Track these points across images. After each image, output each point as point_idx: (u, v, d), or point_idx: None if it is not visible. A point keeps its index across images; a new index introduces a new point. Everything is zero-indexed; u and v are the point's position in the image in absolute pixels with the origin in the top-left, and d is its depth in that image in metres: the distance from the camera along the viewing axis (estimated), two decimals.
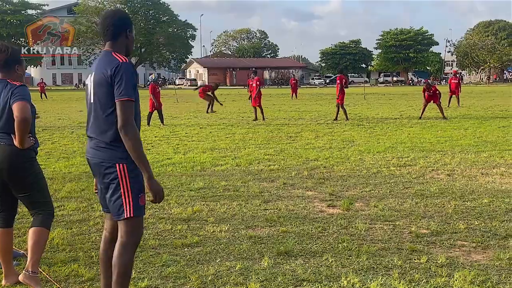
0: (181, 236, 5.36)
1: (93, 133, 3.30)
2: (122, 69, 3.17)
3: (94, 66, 3.37)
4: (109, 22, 3.36)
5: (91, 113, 3.34)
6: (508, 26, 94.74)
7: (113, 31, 3.35)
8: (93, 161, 3.32)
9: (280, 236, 5.33)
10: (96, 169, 3.32)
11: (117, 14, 3.47)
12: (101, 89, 3.22)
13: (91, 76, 3.35)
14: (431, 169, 8.90)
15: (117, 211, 3.27)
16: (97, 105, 3.26)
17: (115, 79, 3.16)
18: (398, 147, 11.59)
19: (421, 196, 6.97)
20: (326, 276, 4.25)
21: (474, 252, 4.83)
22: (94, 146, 3.30)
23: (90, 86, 3.34)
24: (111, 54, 3.30)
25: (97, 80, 3.26)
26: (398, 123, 17.45)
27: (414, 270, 4.36)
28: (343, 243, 5.08)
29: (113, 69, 3.17)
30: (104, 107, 3.22)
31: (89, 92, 3.36)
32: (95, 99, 3.28)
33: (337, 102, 18.66)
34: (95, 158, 3.29)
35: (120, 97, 3.15)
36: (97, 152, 3.28)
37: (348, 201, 6.64)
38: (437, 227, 5.57)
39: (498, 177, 8.19)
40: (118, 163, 3.21)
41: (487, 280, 4.13)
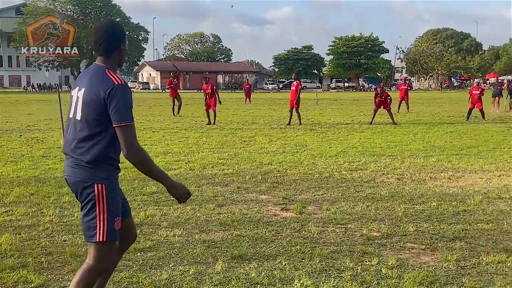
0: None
1: (72, 152, 3.13)
2: (118, 92, 3.03)
3: (84, 81, 3.18)
4: (103, 37, 3.19)
5: (71, 129, 3.18)
6: (455, 34, 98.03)
7: (106, 46, 3.18)
8: (70, 180, 3.16)
9: (234, 240, 5.33)
10: (74, 188, 3.16)
11: (111, 28, 3.25)
12: (90, 109, 3.06)
13: (78, 90, 3.17)
14: (381, 173, 9.09)
15: (89, 233, 3.10)
16: (83, 123, 3.09)
17: (111, 103, 3.01)
18: (350, 151, 11.78)
19: (372, 200, 7.11)
20: (280, 279, 4.28)
21: (423, 254, 4.95)
22: (72, 164, 3.14)
23: (76, 102, 3.16)
24: (104, 73, 3.13)
25: (87, 99, 3.08)
26: (350, 128, 17.74)
27: (365, 272, 4.44)
28: (296, 246, 5.12)
29: (107, 91, 3.02)
30: (91, 127, 3.07)
31: (73, 107, 3.19)
32: (82, 117, 3.10)
33: (290, 107, 18.84)
34: (73, 177, 3.13)
35: (120, 123, 3.02)
36: (75, 170, 3.11)
37: (301, 204, 6.70)
38: (387, 230, 5.69)
39: (446, 181, 8.44)
40: (97, 183, 3.07)
41: (436, 281, 4.24)
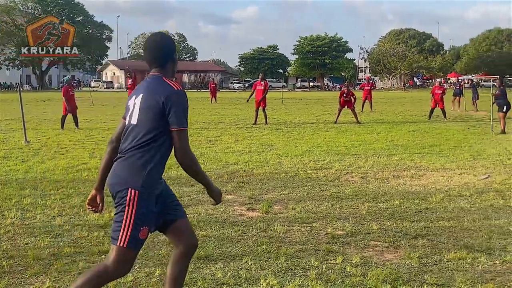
0: (98, 243, 5.23)
1: (123, 156, 3.18)
2: (176, 98, 3.14)
3: (142, 89, 3.26)
4: (158, 50, 3.32)
5: (127, 134, 3.22)
6: (417, 34, 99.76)
7: (161, 58, 3.31)
8: (110, 182, 3.20)
9: (200, 240, 5.30)
10: (110, 189, 3.18)
11: (163, 41, 3.37)
12: (149, 114, 3.14)
13: (135, 97, 3.25)
14: (346, 172, 9.20)
15: (113, 234, 3.12)
16: (140, 128, 3.15)
17: (170, 108, 3.11)
18: (315, 150, 11.88)
19: (337, 198, 7.19)
20: (246, 279, 4.30)
21: (387, 252, 5.04)
22: (118, 167, 3.18)
23: (135, 109, 3.22)
24: (162, 80, 3.24)
25: (146, 104, 3.16)
26: (315, 127, 17.89)
27: (330, 271, 4.49)
28: (262, 245, 5.15)
29: (166, 96, 3.12)
30: (147, 132, 3.12)
31: (131, 113, 3.25)
32: (138, 122, 3.17)
33: (256, 107, 18.89)
34: (113, 178, 3.17)
35: (178, 127, 3.12)
36: (117, 173, 3.16)
37: (267, 204, 6.73)
38: (351, 228, 5.77)
39: (408, 179, 8.60)
40: (131, 189, 3.07)
41: (399, 278, 4.32)
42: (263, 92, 18.69)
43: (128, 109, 3.30)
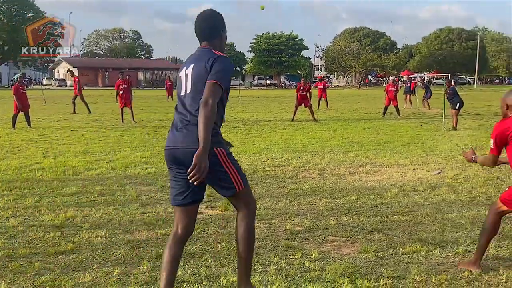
0: (55, 244, 5.13)
1: (185, 125, 3.40)
2: (219, 60, 3.40)
3: (192, 60, 3.54)
4: (206, 24, 3.61)
5: (183, 104, 3.47)
6: (371, 33, 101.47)
7: (209, 32, 3.60)
8: (185, 150, 3.35)
9: (159, 239, 5.30)
10: (184, 156, 3.34)
11: (212, 16, 3.63)
12: (201, 81, 3.38)
13: (186, 69, 3.52)
14: (303, 169, 9.30)
15: (227, 190, 3.50)
16: (194, 94, 3.41)
17: (213, 67, 3.36)
18: (273, 148, 11.97)
19: (295, 195, 7.27)
20: (206, 276, 4.31)
21: (344, 246, 5.13)
22: (186, 136, 3.37)
23: (187, 78, 3.49)
24: (209, 50, 3.52)
25: (197, 73, 3.44)
26: (272, 125, 18.01)
27: (289, 266, 4.55)
28: (222, 243, 5.16)
29: (211, 59, 3.40)
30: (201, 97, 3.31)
31: (184, 84, 3.51)
32: (192, 90, 3.44)
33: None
34: (190, 147, 3.30)
35: (214, 80, 3.31)
36: (194, 139, 3.29)
37: (226, 202, 6.73)
38: (310, 224, 5.85)
39: (364, 175, 8.76)
40: (216, 148, 3.37)
41: (356, 272, 4.41)
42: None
43: (180, 81, 3.56)
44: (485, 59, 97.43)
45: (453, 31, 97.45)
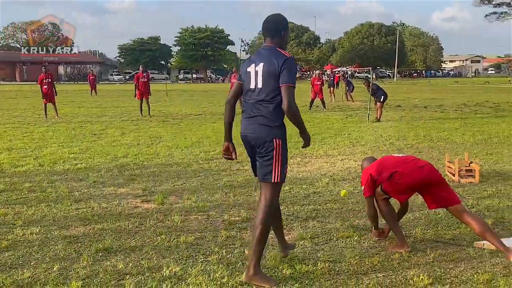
0: None
1: (256, 115, 4.05)
2: (289, 62, 3.95)
3: (261, 58, 4.06)
4: (269, 24, 4.17)
5: (253, 97, 4.07)
6: (295, 28, 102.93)
7: (272, 31, 4.14)
8: (253, 135, 4.08)
9: (97, 234, 5.26)
10: (254, 141, 4.09)
11: (277, 18, 4.23)
12: (271, 78, 3.95)
13: (255, 66, 4.06)
14: (236, 162, 9.38)
15: (265, 175, 4.05)
16: (266, 90, 3.98)
17: (283, 69, 3.91)
18: (205, 141, 12.01)
19: (230, 187, 7.38)
20: (148, 268, 4.33)
21: None
22: (255, 124, 4.06)
23: (256, 75, 4.04)
24: (276, 49, 4.05)
25: (267, 70, 3.97)
26: (202, 118, 18.02)
27: (230, 255, 4.65)
28: (161, 235, 5.19)
29: (282, 61, 3.93)
30: (271, 92, 3.96)
31: (252, 79, 4.07)
32: (263, 85, 4.00)
33: (139, 98, 18.77)
34: (256, 133, 4.05)
35: (286, 83, 3.89)
36: (260, 128, 4.03)
37: (162, 195, 6.75)
38: (247, 214, 5.97)
39: (296, 166, 9.00)
40: (276, 138, 4.01)
41: (294, 258, 4.58)
42: (146, 83, 18.76)
43: (249, 75, 4.11)
44: (404, 53, 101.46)
45: (374, 26, 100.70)
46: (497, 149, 10.80)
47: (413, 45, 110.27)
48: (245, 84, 4.17)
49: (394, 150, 10.57)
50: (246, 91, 4.16)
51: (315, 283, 4.03)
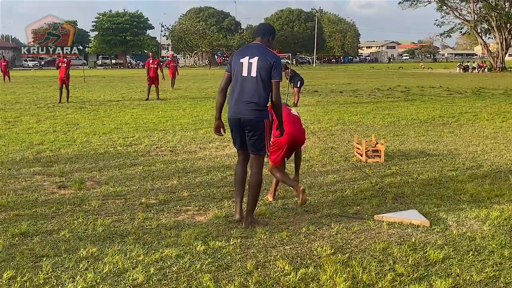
0: None
1: (252, 98, 4.93)
2: (278, 62, 4.98)
3: (253, 52, 5.00)
4: (262, 27, 5.32)
5: (247, 84, 4.95)
6: (216, 13, 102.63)
7: (263, 33, 5.18)
8: (246, 118, 4.94)
9: (13, 219, 5.27)
10: (247, 124, 4.96)
11: (269, 26, 5.43)
12: (265, 71, 4.91)
13: (249, 58, 4.96)
14: (155, 147, 9.53)
15: (259, 150, 5.06)
16: (259, 80, 4.91)
17: (274, 67, 4.91)
18: (123, 128, 11.99)
19: (148, 171, 7.51)
20: (65, 249, 4.43)
21: (197, 215, 5.52)
22: (250, 108, 4.93)
23: (249, 65, 4.94)
24: (266, 49, 5.08)
25: (261, 64, 4.92)
26: (121, 105, 17.83)
27: (146, 235, 4.83)
28: (78, 219, 5.28)
29: (274, 60, 4.94)
30: (264, 83, 4.91)
31: (245, 68, 4.95)
32: (257, 75, 4.91)
33: (60, 84, 18.36)
34: (250, 116, 4.93)
35: (276, 79, 4.93)
36: (253, 111, 4.93)
37: (79, 181, 6.79)
38: (164, 197, 6.15)
39: (214, 150, 9.24)
40: (266, 119, 4.98)
41: (209, 235, 4.83)
42: (66, 69, 18.35)
43: (241, 65, 4.98)
44: (323, 39, 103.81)
45: (293, 12, 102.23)
46: (404, 130, 11.52)
47: (332, 31, 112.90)
48: (236, 72, 5.02)
49: (308, 133, 11.02)
50: (237, 78, 5.00)
51: (226, 257, 4.30)
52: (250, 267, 4.07)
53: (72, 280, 3.83)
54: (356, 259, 4.24)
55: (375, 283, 3.81)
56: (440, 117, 14.00)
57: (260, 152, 5.10)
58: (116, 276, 3.91)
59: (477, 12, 60.31)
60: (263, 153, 5.11)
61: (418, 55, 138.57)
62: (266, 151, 5.13)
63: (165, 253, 4.34)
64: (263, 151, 5.09)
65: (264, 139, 5.03)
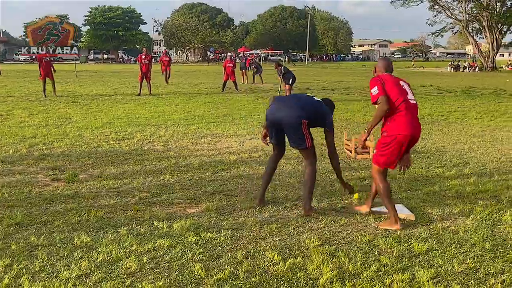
0: None
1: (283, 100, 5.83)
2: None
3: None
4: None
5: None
6: (209, 9, 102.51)
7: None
8: (287, 119, 5.38)
9: (8, 210, 5.36)
10: (288, 122, 5.38)
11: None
12: None
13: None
14: (148, 141, 9.63)
15: (301, 144, 5.43)
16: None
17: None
18: (116, 122, 12.07)
19: (141, 165, 7.61)
20: (60, 239, 4.54)
21: (189, 207, 5.64)
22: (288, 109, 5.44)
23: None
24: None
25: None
26: (113, 100, 17.88)
27: (139, 226, 4.95)
28: (72, 211, 5.39)
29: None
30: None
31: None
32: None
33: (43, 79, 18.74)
34: (290, 116, 5.37)
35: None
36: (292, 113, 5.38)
37: (72, 174, 6.88)
38: (156, 190, 6.26)
39: (206, 145, 9.35)
40: (303, 119, 5.35)
41: (200, 227, 4.95)
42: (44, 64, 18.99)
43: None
44: (315, 37, 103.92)
45: (286, 10, 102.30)
46: None
47: (324, 29, 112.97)
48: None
49: None
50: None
51: (217, 248, 4.43)
52: (240, 257, 4.20)
53: (67, 268, 3.94)
54: (342, 250, 4.38)
55: (360, 272, 3.95)
56: (429, 115, 14.18)
57: (301, 146, 5.46)
58: (110, 265, 4.03)
59: (468, 11, 60.70)
60: (305, 146, 5.43)
61: (410, 54, 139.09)
62: (308, 145, 5.43)
63: (158, 243, 4.46)
64: (304, 144, 5.42)
65: (304, 134, 5.42)
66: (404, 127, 4.96)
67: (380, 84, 5.07)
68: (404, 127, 4.97)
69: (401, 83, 5.21)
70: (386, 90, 5.02)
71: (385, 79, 5.15)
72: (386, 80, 5.12)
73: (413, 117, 5.07)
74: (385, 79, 5.15)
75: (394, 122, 5.01)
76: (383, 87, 5.04)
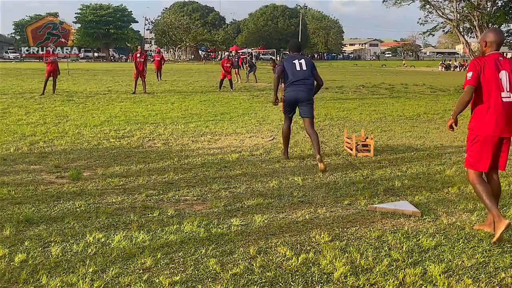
0: None
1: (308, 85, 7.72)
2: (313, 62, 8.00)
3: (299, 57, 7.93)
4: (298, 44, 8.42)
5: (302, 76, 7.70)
6: (200, 7, 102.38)
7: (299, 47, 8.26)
8: (304, 96, 7.62)
9: (16, 207, 5.37)
10: (305, 99, 7.64)
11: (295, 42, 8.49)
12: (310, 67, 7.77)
13: (298, 60, 7.80)
14: (148, 139, 9.65)
15: (311, 114, 7.72)
16: (309, 72, 7.75)
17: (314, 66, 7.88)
18: (114, 120, 12.07)
19: (144, 163, 7.63)
20: (72, 235, 4.56)
21: (196, 204, 5.68)
22: (307, 90, 7.67)
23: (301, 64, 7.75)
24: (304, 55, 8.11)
25: (308, 64, 7.79)
26: (108, 98, 17.86)
27: (149, 223, 4.98)
28: (81, 207, 5.40)
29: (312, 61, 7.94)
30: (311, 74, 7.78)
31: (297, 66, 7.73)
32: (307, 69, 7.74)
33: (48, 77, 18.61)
34: (308, 95, 7.66)
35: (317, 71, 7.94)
36: (309, 92, 7.68)
37: (76, 171, 6.89)
38: (162, 187, 6.29)
39: (206, 143, 9.38)
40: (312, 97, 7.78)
41: (210, 223, 4.99)
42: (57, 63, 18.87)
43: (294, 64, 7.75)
44: (307, 36, 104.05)
45: (278, 8, 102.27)
46: (390, 126, 11.77)
47: (315, 28, 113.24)
48: (292, 69, 7.67)
49: (297, 127, 11.21)
50: (293, 72, 7.65)
51: (229, 243, 4.47)
52: (253, 252, 4.24)
53: (83, 264, 3.96)
54: (353, 246, 4.44)
55: (373, 267, 4.01)
56: (425, 113, 14.29)
57: (312, 116, 7.75)
58: (125, 260, 4.06)
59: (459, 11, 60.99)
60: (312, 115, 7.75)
61: (401, 53, 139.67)
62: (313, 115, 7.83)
63: (170, 239, 4.50)
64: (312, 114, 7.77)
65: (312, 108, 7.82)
66: (485, 127, 4.60)
67: (477, 71, 4.53)
68: (486, 127, 4.59)
69: (502, 74, 4.57)
70: (481, 79, 4.51)
71: (488, 63, 4.54)
72: (488, 67, 4.53)
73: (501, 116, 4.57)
74: (488, 63, 4.54)
75: (476, 119, 4.73)
76: (478, 75, 4.51)
